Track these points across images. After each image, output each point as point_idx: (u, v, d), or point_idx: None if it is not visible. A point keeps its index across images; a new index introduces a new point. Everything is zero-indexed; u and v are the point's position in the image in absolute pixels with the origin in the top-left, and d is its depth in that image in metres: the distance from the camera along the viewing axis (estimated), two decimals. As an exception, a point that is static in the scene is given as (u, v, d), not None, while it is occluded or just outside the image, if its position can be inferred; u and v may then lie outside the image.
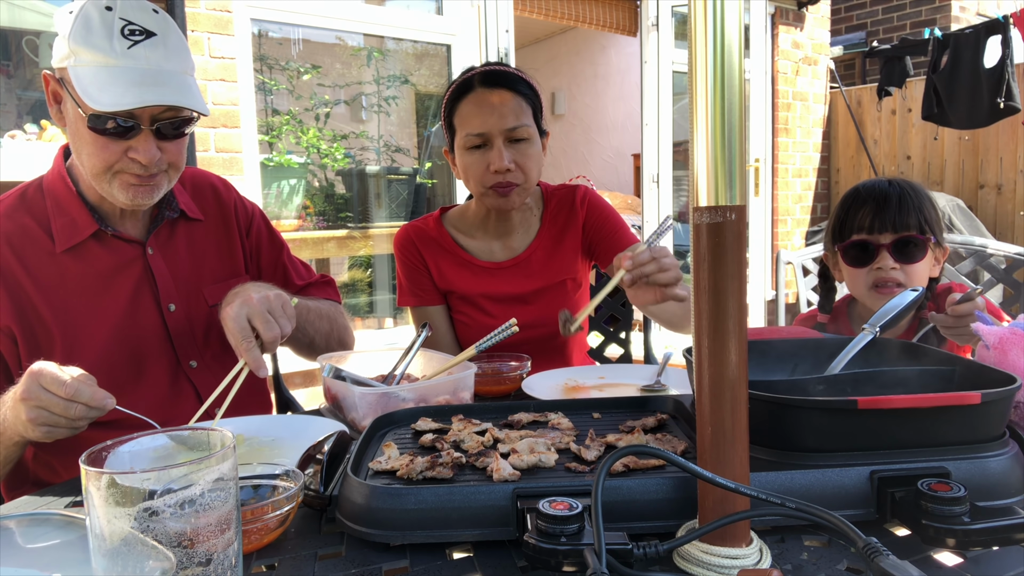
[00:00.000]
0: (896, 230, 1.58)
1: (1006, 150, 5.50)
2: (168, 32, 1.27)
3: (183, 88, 1.27)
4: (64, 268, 1.34)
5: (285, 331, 1.23)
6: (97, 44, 1.21)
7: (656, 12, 4.95)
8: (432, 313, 1.80)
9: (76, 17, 1.22)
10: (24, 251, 1.32)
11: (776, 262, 2.64)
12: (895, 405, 0.79)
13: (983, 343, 1.00)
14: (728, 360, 0.68)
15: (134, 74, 1.22)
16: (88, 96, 1.19)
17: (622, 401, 1.15)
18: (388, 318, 4.49)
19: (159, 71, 1.24)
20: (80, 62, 1.21)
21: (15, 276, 1.31)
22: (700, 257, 0.68)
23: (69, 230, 1.34)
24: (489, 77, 1.64)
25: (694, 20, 0.66)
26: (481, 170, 1.63)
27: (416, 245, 1.79)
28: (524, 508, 0.74)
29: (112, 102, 1.19)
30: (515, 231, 1.79)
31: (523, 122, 1.61)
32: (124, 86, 1.20)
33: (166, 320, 1.41)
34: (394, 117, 4.80)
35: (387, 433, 1.05)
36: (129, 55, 1.22)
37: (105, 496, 0.58)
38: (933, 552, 0.73)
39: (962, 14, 6.86)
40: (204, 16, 3.29)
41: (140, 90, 1.21)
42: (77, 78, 1.21)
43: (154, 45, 1.24)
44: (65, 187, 1.36)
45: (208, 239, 1.52)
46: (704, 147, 0.67)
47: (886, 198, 1.59)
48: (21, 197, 1.37)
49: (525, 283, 1.77)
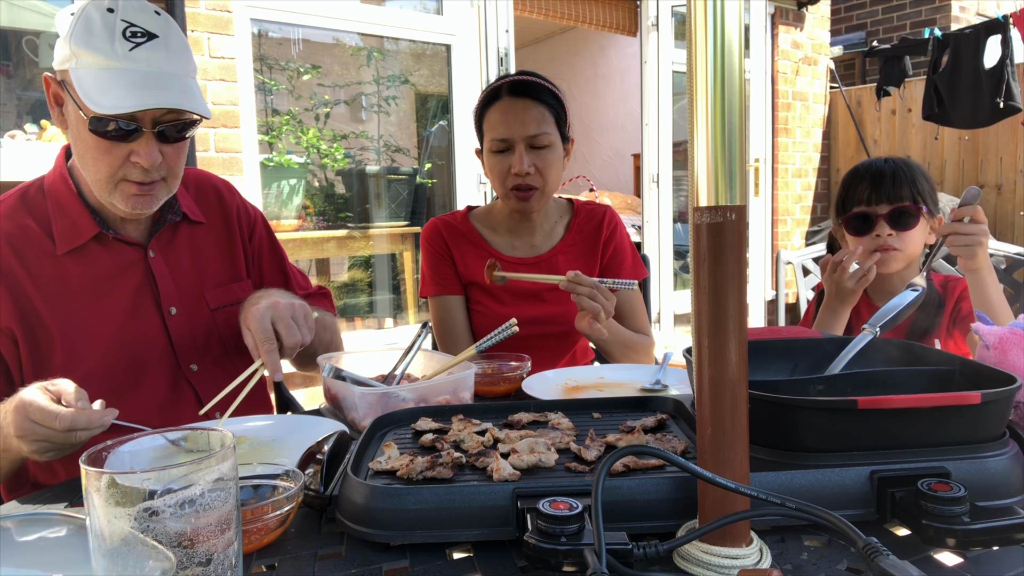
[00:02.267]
0: (891, 201, 1.75)
1: (1006, 150, 5.50)
2: (170, 34, 1.26)
3: (185, 91, 1.26)
4: (65, 270, 1.33)
5: (305, 340, 1.26)
6: (98, 46, 1.19)
7: (656, 12, 4.95)
8: (451, 302, 1.87)
9: (77, 19, 1.21)
10: (25, 252, 1.31)
11: (776, 262, 2.65)
12: (895, 405, 0.79)
13: (983, 343, 1.00)
14: (728, 360, 0.68)
15: (135, 76, 1.21)
16: (89, 99, 1.18)
17: (622, 401, 1.15)
18: (388, 318, 4.49)
19: (161, 73, 1.23)
20: (81, 64, 1.20)
21: (16, 277, 1.30)
22: (700, 257, 0.68)
23: (70, 232, 1.33)
24: (516, 87, 1.75)
25: (694, 20, 0.66)
26: (504, 172, 1.75)
27: (443, 235, 1.88)
28: (524, 508, 0.74)
29: (113, 104, 1.18)
30: (537, 232, 1.89)
31: (544, 130, 1.72)
32: (125, 88, 1.19)
33: (167, 324, 1.40)
34: (394, 117, 4.80)
35: (387, 433, 1.05)
36: (130, 57, 1.21)
37: (105, 496, 0.58)
38: (933, 552, 0.73)
39: (962, 14, 6.87)
40: (204, 16, 3.29)
41: (142, 92, 1.20)
42: (78, 81, 1.20)
43: (156, 47, 1.23)
44: (66, 188, 1.36)
45: (210, 242, 1.51)
46: (704, 147, 0.67)
47: (882, 174, 1.77)
48: (22, 197, 1.36)
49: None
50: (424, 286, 1.91)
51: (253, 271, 1.59)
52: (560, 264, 1.86)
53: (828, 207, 6.28)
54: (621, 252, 1.91)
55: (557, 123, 1.76)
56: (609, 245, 1.90)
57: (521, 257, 1.88)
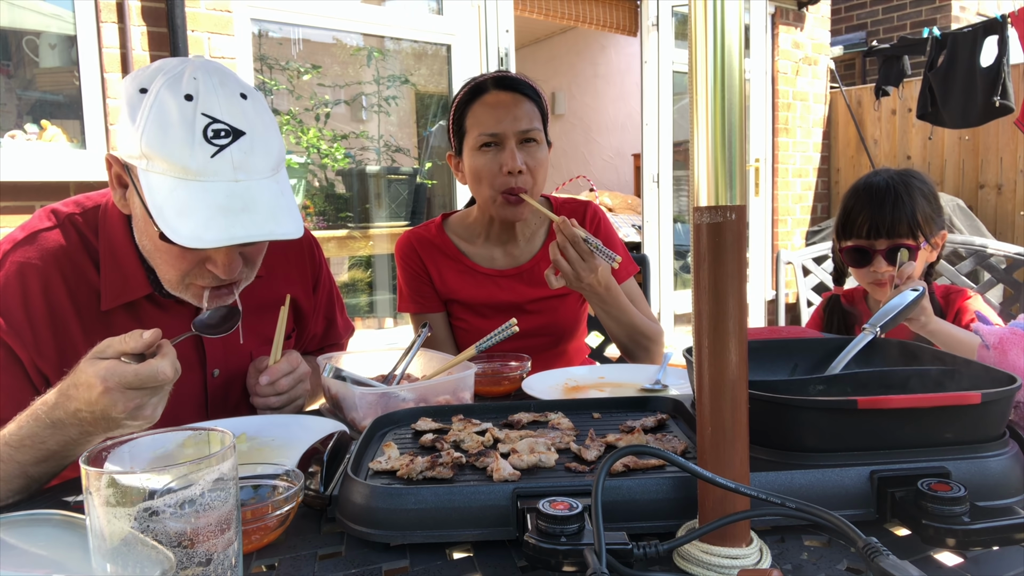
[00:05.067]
0: (889, 236, 1.72)
1: (1006, 150, 5.50)
2: (256, 123, 1.08)
3: (276, 211, 1.08)
4: (113, 322, 1.20)
5: (287, 409, 1.29)
6: (174, 152, 1.02)
7: (656, 12, 4.95)
8: (432, 320, 1.79)
9: (150, 107, 1.03)
10: (79, 296, 1.18)
11: (776, 262, 2.64)
12: (895, 405, 0.79)
13: (983, 343, 1.00)
14: (728, 360, 0.68)
15: (218, 195, 1.03)
16: (163, 220, 1.02)
17: (622, 401, 1.15)
18: (388, 318, 4.49)
19: (248, 187, 1.06)
20: (153, 168, 1.04)
21: (66, 323, 1.17)
22: (700, 257, 0.68)
23: (119, 288, 1.20)
24: (503, 81, 1.67)
25: (694, 20, 0.66)
26: (493, 171, 1.63)
27: (418, 252, 1.78)
28: (524, 508, 0.74)
29: (192, 236, 1.01)
30: (517, 239, 1.79)
31: (535, 125, 1.64)
32: (207, 213, 1.02)
33: (207, 385, 1.31)
34: (394, 117, 4.80)
35: (387, 433, 1.05)
36: (212, 166, 1.03)
37: (105, 496, 0.58)
38: (933, 552, 0.73)
39: (962, 14, 6.87)
40: (204, 16, 3.29)
41: (226, 221, 1.02)
42: (149, 188, 1.04)
43: (242, 150, 1.05)
44: (124, 239, 1.21)
45: (268, 298, 1.37)
46: (704, 147, 0.67)
47: (881, 203, 1.73)
48: (75, 228, 1.21)
49: (528, 291, 1.77)
50: (402, 301, 1.81)
51: (308, 323, 1.51)
52: (541, 273, 1.74)
53: (828, 207, 6.28)
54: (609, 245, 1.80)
55: (543, 121, 1.68)
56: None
57: (501, 269, 1.77)
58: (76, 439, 0.97)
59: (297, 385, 1.28)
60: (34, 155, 2.95)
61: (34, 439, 0.97)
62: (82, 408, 0.93)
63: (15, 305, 1.14)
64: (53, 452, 0.98)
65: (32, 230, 1.20)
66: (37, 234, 1.19)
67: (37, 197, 2.94)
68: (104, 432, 0.96)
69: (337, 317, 1.59)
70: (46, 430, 0.97)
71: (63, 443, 0.97)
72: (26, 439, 0.97)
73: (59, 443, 0.97)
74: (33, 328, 1.15)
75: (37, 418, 0.97)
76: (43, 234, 1.20)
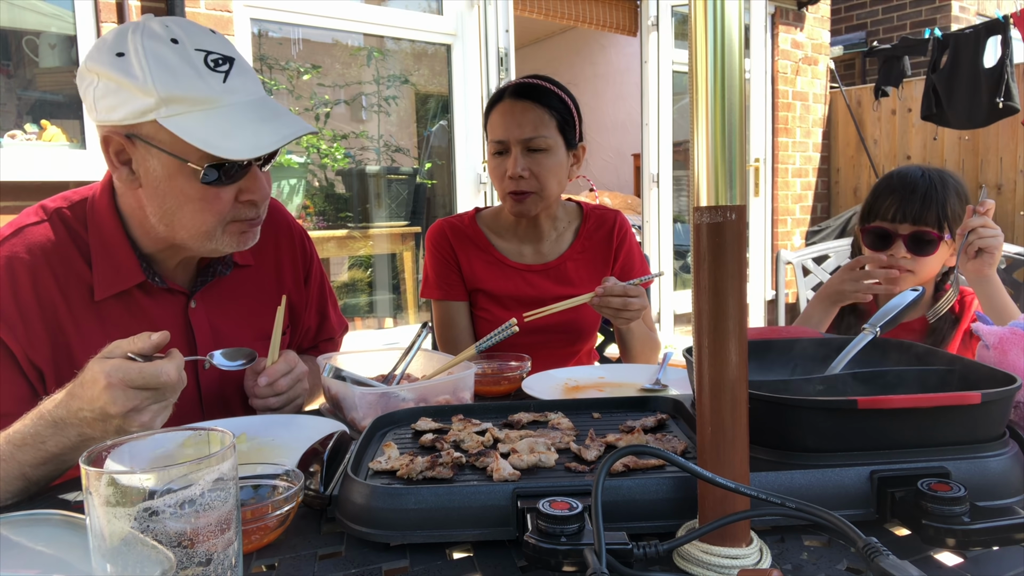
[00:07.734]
0: (915, 222, 1.67)
1: (1006, 150, 5.50)
2: (235, 50, 1.14)
3: (288, 113, 1.15)
4: (105, 313, 1.21)
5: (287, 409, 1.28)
6: (191, 86, 1.06)
7: (656, 12, 4.95)
8: (455, 308, 1.84)
9: (146, 60, 1.05)
10: (69, 288, 1.18)
11: (776, 262, 2.65)
12: (895, 405, 0.79)
13: (983, 343, 1.00)
14: (728, 360, 0.68)
15: (247, 111, 1.09)
16: (211, 146, 1.05)
17: (622, 401, 1.15)
18: (388, 318, 4.49)
19: (263, 99, 1.11)
20: (175, 111, 1.05)
21: (56, 314, 1.17)
22: (700, 257, 0.68)
23: (111, 277, 1.20)
24: (520, 89, 1.73)
25: (694, 20, 0.66)
26: (500, 174, 1.74)
27: (449, 239, 1.84)
28: (524, 508, 0.74)
29: (253, 147, 1.06)
30: (544, 238, 1.86)
31: (541, 133, 1.69)
32: (250, 128, 1.07)
33: (199, 378, 1.31)
34: (394, 117, 4.80)
35: (387, 433, 1.05)
36: (228, 90, 1.08)
37: (105, 496, 0.58)
38: (933, 552, 0.73)
39: (962, 14, 6.87)
40: (204, 16, 3.29)
41: (269, 127, 1.09)
42: (181, 129, 1.05)
43: (241, 71, 1.11)
44: (115, 229, 1.22)
45: (258, 289, 1.38)
46: (704, 147, 0.67)
47: (913, 190, 1.68)
48: (64, 224, 1.22)
49: (554, 288, 1.82)
50: (427, 287, 1.87)
51: (301, 316, 1.51)
52: (570, 271, 1.84)
53: (828, 207, 6.28)
54: (631, 258, 1.89)
55: (561, 128, 1.72)
56: (620, 252, 1.88)
57: (529, 264, 1.84)
58: (74, 442, 0.97)
59: (296, 385, 1.28)
60: (34, 155, 2.95)
61: (35, 438, 0.97)
62: (84, 407, 0.94)
63: (5, 299, 1.15)
64: (52, 455, 0.98)
65: (19, 226, 1.21)
66: (24, 229, 1.20)
67: (37, 197, 2.90)
68: (101, 436, 0.96)
69: (330, 312, 1.60)
70: (47, 429, 0.97)
71: (62, 446, 0.97)
72: (28, 437, 0.97)
73: (58, 445, 0.97)
74: (24, 321, 1.15)
75: (41, 415, 0.98)
76: (30, 229, 1.20)
